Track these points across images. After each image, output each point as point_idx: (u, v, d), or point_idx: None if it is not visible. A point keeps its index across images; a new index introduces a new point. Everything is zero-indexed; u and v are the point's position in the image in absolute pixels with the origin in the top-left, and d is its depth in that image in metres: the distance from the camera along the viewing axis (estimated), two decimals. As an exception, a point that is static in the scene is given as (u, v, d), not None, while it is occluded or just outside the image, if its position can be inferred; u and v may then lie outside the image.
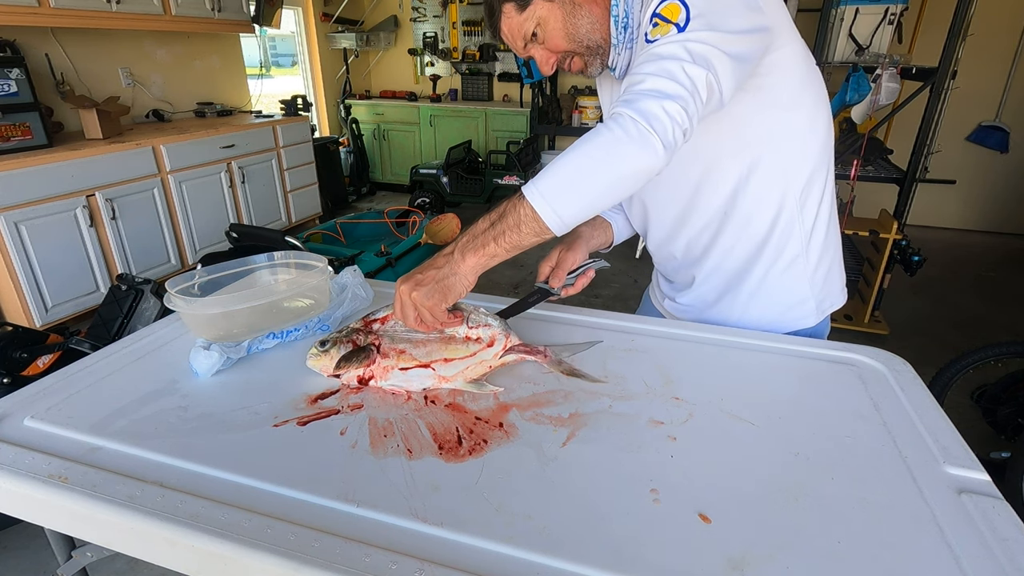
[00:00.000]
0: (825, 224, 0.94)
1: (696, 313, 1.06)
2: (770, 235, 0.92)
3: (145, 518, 0.57)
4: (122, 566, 1.55)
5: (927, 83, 2.68)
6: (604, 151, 0.69)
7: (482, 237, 0.76)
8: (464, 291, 0.79)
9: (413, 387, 0.80)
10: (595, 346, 0.93)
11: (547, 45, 0.87)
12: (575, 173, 0.71)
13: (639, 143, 0.67)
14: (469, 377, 0.82)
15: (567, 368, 0.85)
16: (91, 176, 2.84)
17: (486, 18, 0.89)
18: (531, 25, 0.84)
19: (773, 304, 0.98)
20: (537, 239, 0.74)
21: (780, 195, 0.89)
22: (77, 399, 0.78)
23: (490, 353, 0.84)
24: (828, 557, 0.53)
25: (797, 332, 0.98)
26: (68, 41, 3.22)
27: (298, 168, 4.29)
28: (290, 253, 1.11)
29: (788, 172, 0.88)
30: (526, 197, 0.72)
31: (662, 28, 0.71)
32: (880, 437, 0.71)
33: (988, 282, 3.74)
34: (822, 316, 0.99)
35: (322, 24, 5.36)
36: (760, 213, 0.91)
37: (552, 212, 0.71)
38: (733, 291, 0.99)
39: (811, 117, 0.86)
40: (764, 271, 0.95)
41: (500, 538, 0.55)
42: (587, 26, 0.84)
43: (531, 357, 0.87)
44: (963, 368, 1.99)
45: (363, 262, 3.07)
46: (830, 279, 0.98)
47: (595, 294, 3.40)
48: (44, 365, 1.66)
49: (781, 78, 0.81)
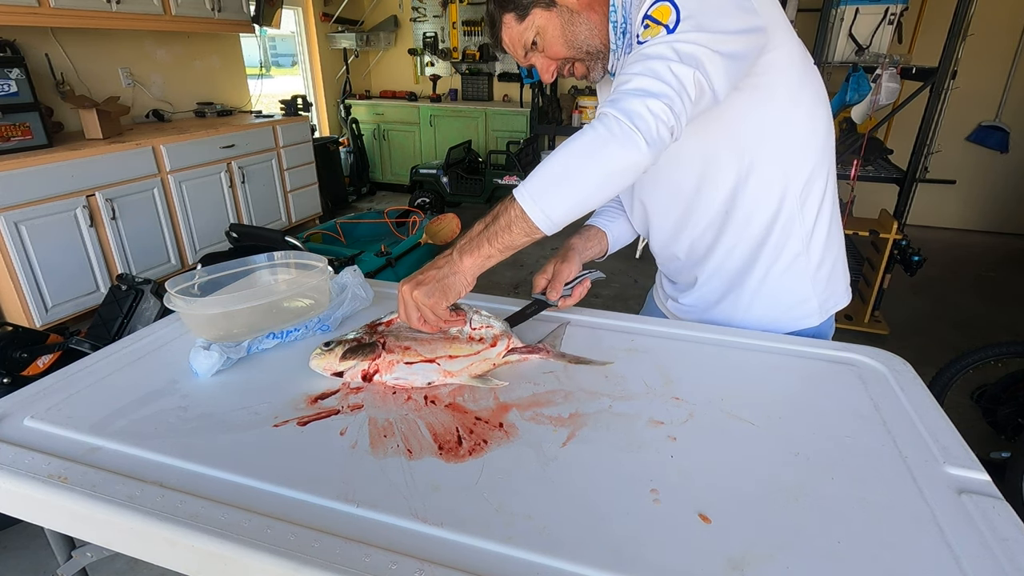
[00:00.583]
0: (827, 223, 0.94)
1: (699, 313, 1.06)
2: (770, 234, 0.92)
3: (145, 518, 0.57)
4: (122, 566, 1.55)
5: (927, 83, 2.68)
6: (588, 150, 0.71)
7: (478, 239, 0.78)
8: (464, 290, 0.81)
9: (418, 381, 0.80)
10: (595, 343, 0.93)
11: (547, 53, 0.88)
12: (561, 173, 0.73)
13: (622, 141, 0.69)
14: (474, 373, 0.83)
15: (572, 358, 0.88)
16: (91, 176, 2.84)
17: (487, 29, 0.92)
18: (531, 34, 0.86)
19: (775, 303, 0.98)
20: (528, 239, 0.76)
21: (780, 194, 0.89)
22: (77, 399, 0.78)
23: (493, 353, 0.86)
24: (828, 557, 0.53)
25: (801, 332, 0.98)
26: (68, 41, 3.22)
27: (298, 168, 4.29)
28: (290, 253, 1.11)
29: (788, 171, 0.88)
30: (516, 199, 0.74)
31: (652, 30, 0.72)
32: (880, 437, 0.71)
33: (988, 282, 3.74)
34: (825, 316, 0.99)
35: (322, 24, 5.36)
36: (760, 212, 0.91)
37: (540, 212, 0.73)
38: (736, 291, 0.99)
39: (810, 116, 0.86)
40: (765, 270, 0.95)
41: (500, 538, 0.55)
42: (586, 32, 0.86)
43: (534, 356, 0.88)
44: (963, 368, 1.99)
45: (363, 262, 3.07)
46: (833, 278, 0.98)
47: (595, 294, 3.41)
48: (44, 365, 1.66)
49: (778, 77, 0.82)
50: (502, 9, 0.87)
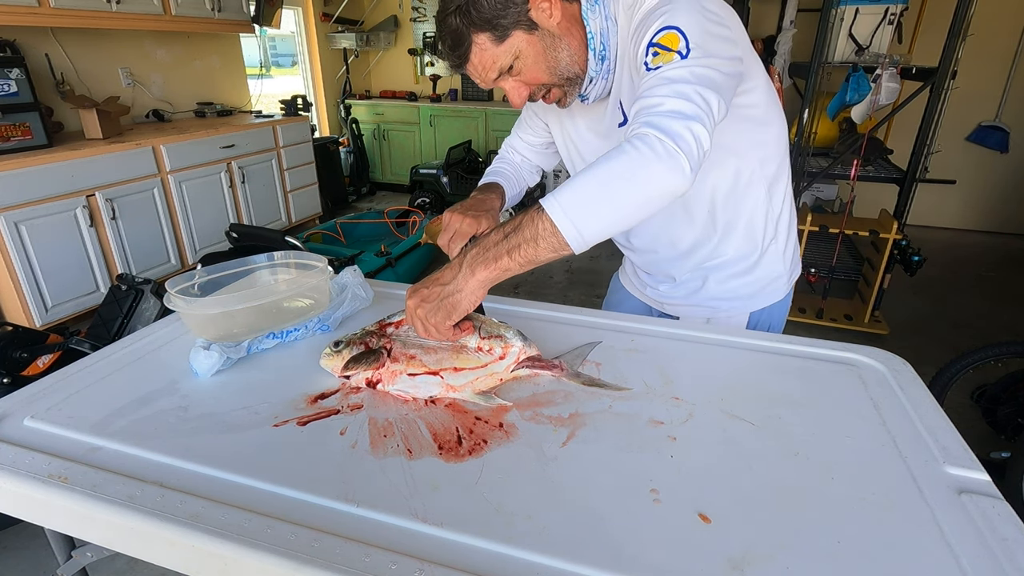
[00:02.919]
0: (789, 207, 1.04)
1: (681, 299, 1.10)
2: (751, 227, 1.00)
3: (145, 518, 0.57)
4: (122, 566, 1.55)
5: (927, 83, 2.67)
6: (631, 169, 0.67)
7: (494, 250, 0.72)
8: (470, 307, 0.76)
9: (419, 394, 0.78)
10: (596, 347, 0.92)
11: (524, 77, 0.85)
12: (599, 189, 0.68)
13: (667, 163, 0.66)
14: (478, 388, 0.80)
15: (586, 379, 0.82)
16: (91, 176, 2.84)
17: (447, 48, 0.83)
18: (509, 58, 0.82)
19: (753, 282, 1.05)
20: (554, 255, 0.71)
21: (757, 193, 0.98)
22: (77, 399, 0.78)
23: (502, 366, 0.82)
24: (828, 557, 0.53)
25: (771, 305, 1.07)
26: (68, 41, 3.22)
27: (298, 168, 4.29)
28: (290, 253, 1.11)
29: (765, 171, 0.97)
30: (545, 210, 0.69)
31: (664, 56, 0.73)
32: (880, 437, 0.71)
33: (988, 282, 3.74)
34: (789, 288, 1.09)
35: (322, 24, 5.36)
36: (743, 209, 0.99)
37: (572, 227, 0.68)
38: (715, 277, 1.05)
39: (779, 121, 0.95)
40: (746, 261, 1.03)
41: (500, 538, 0.55)
42: (567, 59, 0.85)
43: (545, 372, 0.84)
44: (963, 368, 1.98)
45: (363, 262, 3.07)
46: (795, 254, 1.09)
47: (596, 294, 3.41)
48: (44, 365, 1.66)
49: (759, 97, 0.89)
50: (475, 28, 0.79)
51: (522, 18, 0.80)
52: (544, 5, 0.80)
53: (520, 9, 0.79)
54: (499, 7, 0.78)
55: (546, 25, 0.81)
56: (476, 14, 0.78)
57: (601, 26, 0.83)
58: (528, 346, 0.84)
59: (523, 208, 0.79)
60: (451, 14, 0.80)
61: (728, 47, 0.76)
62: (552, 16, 0.81)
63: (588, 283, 3.59)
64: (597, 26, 0.83)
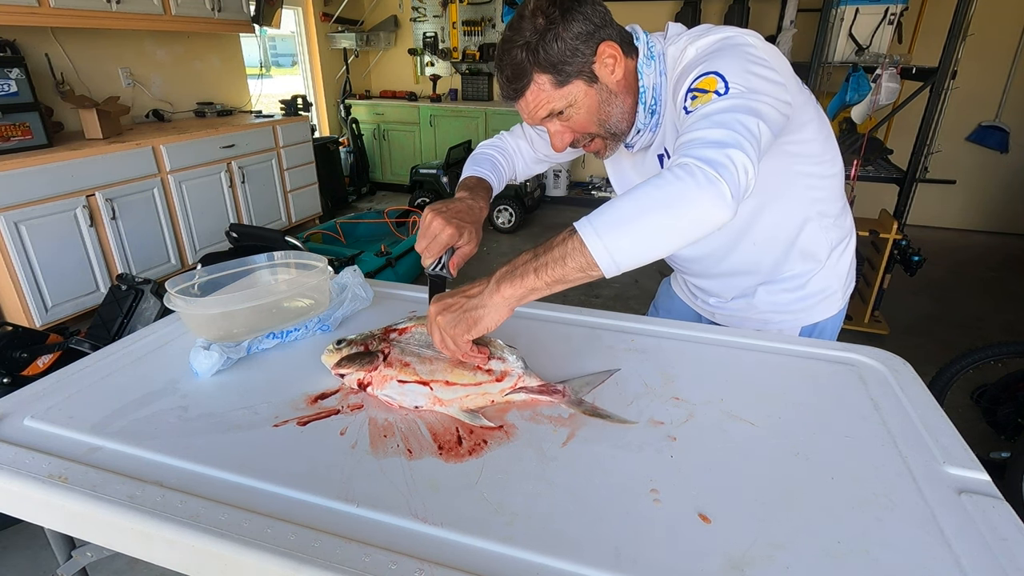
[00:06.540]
0: (849, 232, 1.05)
1: (732, 311, 1.11)
2: (805, 255, 1.01)
3: (145, 518, 0.57)
4: (122, 566, 1.55)
5: (927, 83, 2.68)
6: (669, 195, 0.66)
7: (522, 268, 0.71)
8: (493, 325, 0.73)
9: (406, 402, 0.77)
10: (595, 343, 0.92)
11: (572, 124, 0.86)
12: (634, 213, 0.66)
13: (708, 190, 0.64)
14: (466, 406, 0.76)
15: (588, 408, 0.77)
16: (91, 176, 2.84)
17: (505, 80, 0.83)
18: (563, 104, 0.83)
19: (806, 297, 1.04)
20: (583, 276, 0.69)
21: (812, 227, 0.97)
22: (77, 399, 0.78)
23: (496, 388, 0.78)
24: (828, 557, 0.53)
25: (825, 320, 1.06)
26: (68, 41, 3.22)
27: (298, 168, 4.29)
28: (290, 253, 1.11)
29: (820, 208, 0.97)
30: (578, 231, 0.67)
31: (703, 97, 0.73)
32: (880, 437, 0.71)
33: (988, 282, 3.74)
34: (844, 301, 1.08)
35: (322, 24, 5.36)
36: (796, 243, 0.99)
37: (604, 250, 0.66)
38: (765, 289, 1.05)
39: (834, 160, 0.95)
40: (808, 276, 1.03)
41: (500, 538, 0.55)
42: (618, 115, 0.86)
43: (545, 397, 0.79)
44: (963, 368, 1.98)
45: (363, 262, 3.07)
46: (851, 268, 1.08)
47: (595, 294, 3.41)
48: (44, 365, 1.66)
49: (808, 132, 0.89)
50: (539, 68, 0.80)
51: (585, 69, 0.81)
52: (609, 62, 0.81)
53: (586, 60, 0.80)
54: (567, 53, 0.79)
55: (606, 81, 0.83)
56: (543, 54, 0.79)
57: (655, 81, 0.85)
58: (528, 374, 0.80)
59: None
60: (519, 47, 0.79)
61: (773, 88, 0.74)
62: (614, 73, 0.83)
63: (588, 283, 3.59)
64: (651, 81, 0.85)
